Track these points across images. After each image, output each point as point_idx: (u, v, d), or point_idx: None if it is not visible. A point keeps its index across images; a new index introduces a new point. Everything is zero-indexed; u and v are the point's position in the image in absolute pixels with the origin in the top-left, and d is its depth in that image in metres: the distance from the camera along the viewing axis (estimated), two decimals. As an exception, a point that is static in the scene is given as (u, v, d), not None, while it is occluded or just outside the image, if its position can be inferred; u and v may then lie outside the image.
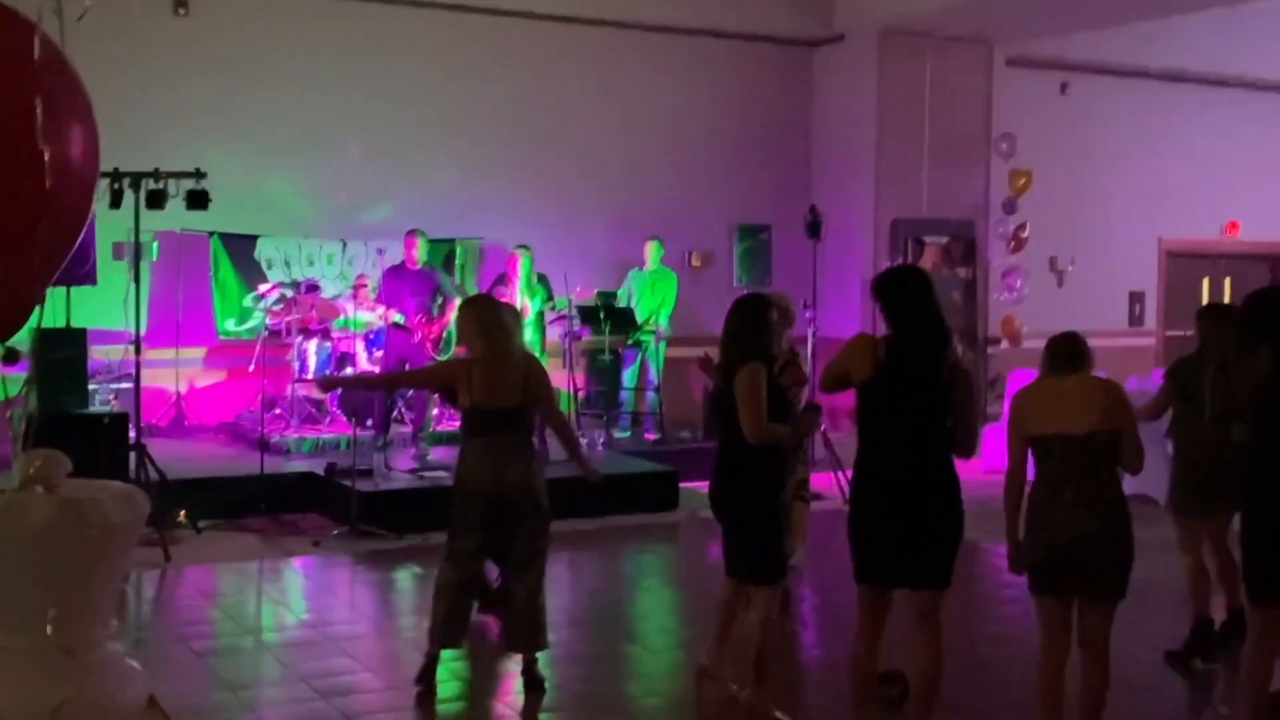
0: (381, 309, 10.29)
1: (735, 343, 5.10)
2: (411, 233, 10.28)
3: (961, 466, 4.57)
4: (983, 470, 11.39)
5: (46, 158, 2.33)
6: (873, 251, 13.27)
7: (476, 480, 5.35)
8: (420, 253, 10.25)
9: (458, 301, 10.21)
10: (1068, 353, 4.58)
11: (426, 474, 9.23)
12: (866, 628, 4.68)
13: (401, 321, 10.13)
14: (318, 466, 9.31)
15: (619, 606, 7.33)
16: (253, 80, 11.33)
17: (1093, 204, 14.72)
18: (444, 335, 10.30)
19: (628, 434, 11.41)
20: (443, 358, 10.18)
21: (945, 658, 4.61)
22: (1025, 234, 13.68)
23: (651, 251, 11.63)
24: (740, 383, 4.95)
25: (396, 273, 10.34)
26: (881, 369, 4.49)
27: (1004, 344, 13.75)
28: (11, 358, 2.88)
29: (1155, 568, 4.87)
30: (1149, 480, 9.87)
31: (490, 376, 5.34)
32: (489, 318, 5.45)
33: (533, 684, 5.44)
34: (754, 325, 5.10)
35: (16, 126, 2.41)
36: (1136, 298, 15.31)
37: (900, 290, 4.62)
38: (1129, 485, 9.02)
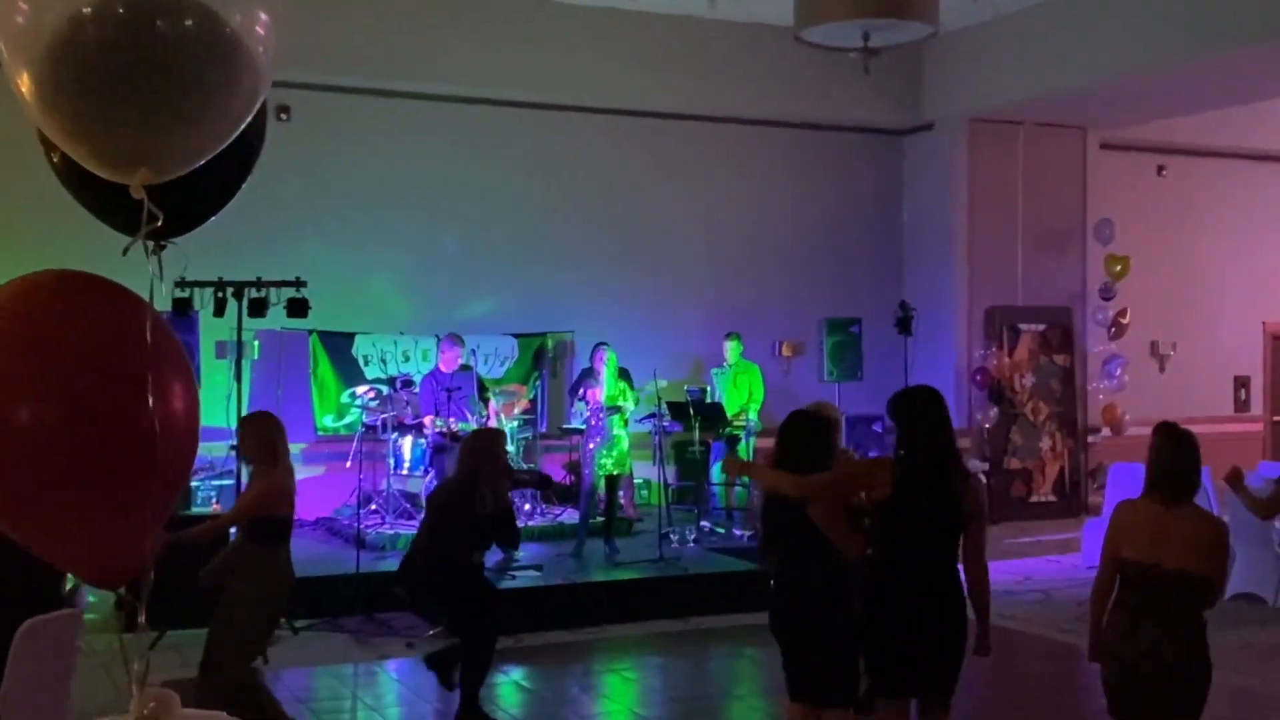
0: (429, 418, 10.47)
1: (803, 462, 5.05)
2: (450, 337, 10.64)
3: (1071, 563, 4.54)
4: (1085, 568, 11.11)
5: (156, 424, 2.52)
6: (967, 341, 13.12)
7: (290, 585, 5.93)
8: (457, 358, 10.58)
9: (494, 400, 10.60)
10: (1179, 481, 4.46)
11: (517, 573, 9.26)
12: None
13: (467, 428, 9.92)
14: (412, 564, 9.34)
15: (710, 717, 7.21)
16: (350, 181, 11.66)
17: (1193, 287, 14.42)
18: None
19: (722, 530, 11.29)
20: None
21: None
22: (1125, 320, 13.44)
23: (731, 349, 11.66)
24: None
25: (434, 379, 10.57)
26: (899, 488, 4.66)
27: (1105, 432, 13.45)
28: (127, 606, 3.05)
29: (1253, 673, 4.58)
30: (1256, 577, 9.56)
31: (291, 490, 5.91)
32: (282, 436, 5.93)
33: None
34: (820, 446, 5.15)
35: (128, 396, 2.60)
36: (1241, 382, 14.91)
37: (916, 413, 4.82)
38: (1236, 583, 8.58)
